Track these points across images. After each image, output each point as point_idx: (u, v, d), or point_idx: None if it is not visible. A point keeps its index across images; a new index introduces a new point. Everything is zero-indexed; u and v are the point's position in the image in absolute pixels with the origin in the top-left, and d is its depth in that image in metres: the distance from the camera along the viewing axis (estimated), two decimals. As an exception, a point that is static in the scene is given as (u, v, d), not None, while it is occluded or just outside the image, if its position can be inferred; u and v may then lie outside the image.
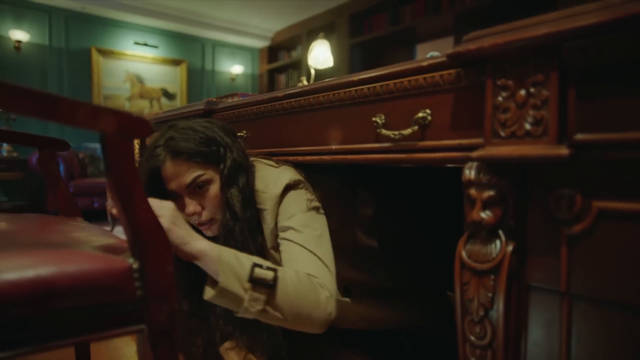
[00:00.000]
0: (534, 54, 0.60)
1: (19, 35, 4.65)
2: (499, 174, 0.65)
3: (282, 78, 6.47)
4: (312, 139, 0.95)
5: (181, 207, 0.98)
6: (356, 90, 0.84)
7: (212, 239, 0.97)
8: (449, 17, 4.26)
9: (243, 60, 6.69)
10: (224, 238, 0.97)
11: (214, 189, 0.98)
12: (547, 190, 0.62)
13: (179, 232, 0.82)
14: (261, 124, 1.13)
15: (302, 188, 0.99)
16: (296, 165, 1.02)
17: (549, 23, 0.58)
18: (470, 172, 0.67)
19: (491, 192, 0.65)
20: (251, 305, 0.79)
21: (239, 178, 0.98)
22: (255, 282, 0.79)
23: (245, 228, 0.97)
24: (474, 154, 0.65)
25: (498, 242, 0.65)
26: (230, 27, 6.12)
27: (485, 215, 0.65)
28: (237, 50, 6.62)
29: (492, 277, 0.65)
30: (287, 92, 0.99)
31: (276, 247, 0.99)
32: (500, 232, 0.65)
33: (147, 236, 0.58)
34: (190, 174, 0.96)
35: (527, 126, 0.60)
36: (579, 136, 0.57)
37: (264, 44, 6.65)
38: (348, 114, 0.87)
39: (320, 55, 2.26)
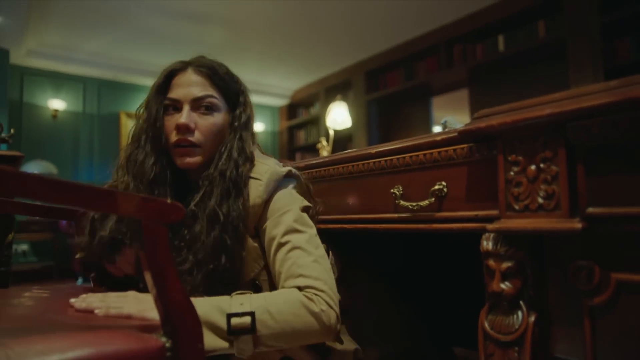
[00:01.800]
0: (541, 132, 0.63)
1: (57, 104, 4.98)
2: (516, 245, 0.66)
3: (301, 134, 6.65)
4: (334, 208, 0.99)
5: (171, 125, 0.90)
6: (374, 162, 0.88)
7: (190, 189, 0.91)
8: (462, 70, 4.39)
9: (264, 118, 6.93)
10: (210, 183, 0.88)
11: (218, 119, 0.92)
12: (566, 262, 0.63)
13: (130, 301, 0.73)
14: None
15: (300, 184, 0.93)
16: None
17: (553, 104, 0.62)
18: (487, 244, 0.69)
19: (509, 264, 0.66)
20: (242, 352, 0.74)
21: (249, 132, 0.95)
22: (236, 333, 0.74)
23: (240, 177, 0.88)
24: (490, 226, 0.68)
25: (520, 312, 0.66)
26: (251, 87, 6.36)
27: (505, 286, 0.67)
28: (257, 108, 6.87)
29: (516, 348, 0.65)
30: (308, 163, 1.04)
31: (254, 235, 0.89)
32: (522, 303, 0.66)
33: (178, 315, 0.61)
34: (206, 90, 0.91)
35: (540, 200, 0.63)
36: (591, 210, 0.59)
37: (283, 102, 6.90)
38: (367, 184, 0.91)
39: (338, 117, 2.34)
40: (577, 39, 3.49)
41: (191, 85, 0.90)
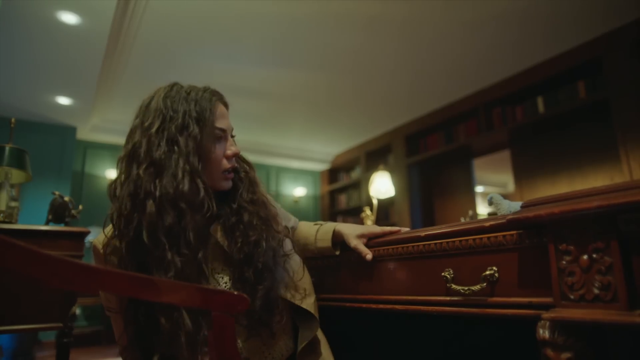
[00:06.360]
0: (591, 222, 0.64)
1: (113, 174, 5.34)
2: (575, 335, 0.66)
3: (342, 198, 6.72)
4: (384, 289, 1.00)
5: (220, 152, 0.97)
6: (424, 245, 0.90)
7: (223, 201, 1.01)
8: (503, 132, 4.39)
9: (305, 183, 7.09)
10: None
11: None
12: (631, 355, 0.62)
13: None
14: (334, 271, 1.20)
15: None
16: (366, 313, 1.06)
17: (601, 195, 0.63)
18: (544, 332, 0.68)
19: (569, 354, 0.65)
20: None
21: None
22: None
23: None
24: (546, 315, 0.68)
25: (586, 408, 0.64)
26: (294, 153, 6.64)
27: (566, 378, 0.65)
28: (299, 174, 7.08)
29: None
30: (358, 243, 1.08)
31: None
32: (587, 398, 0.64)
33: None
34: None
35: (596, 290, 0.63)
36: (651, 303, 0.59)
37: (324, 166, 7.07)
38: (418, 266, 0.93)
39: (382, 186, 2.39)
40: (620, 99, 3.46)
41: (228, 117, 1.01)
